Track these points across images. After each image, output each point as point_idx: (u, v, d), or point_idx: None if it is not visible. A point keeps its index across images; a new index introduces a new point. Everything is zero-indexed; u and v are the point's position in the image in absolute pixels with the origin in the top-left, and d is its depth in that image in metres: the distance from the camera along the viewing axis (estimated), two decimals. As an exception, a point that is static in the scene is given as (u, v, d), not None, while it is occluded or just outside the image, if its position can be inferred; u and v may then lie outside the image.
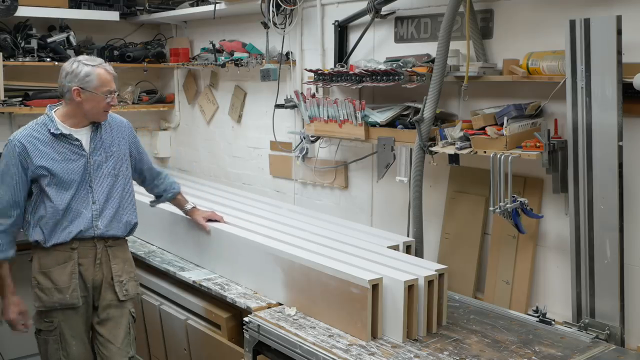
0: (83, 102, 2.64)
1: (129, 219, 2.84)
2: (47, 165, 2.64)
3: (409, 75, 2.93)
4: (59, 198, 2.66)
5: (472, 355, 2.27)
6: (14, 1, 4.02)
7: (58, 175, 2.65)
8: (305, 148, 3.84)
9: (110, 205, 2.76)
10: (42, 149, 2.65)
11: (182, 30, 4.88)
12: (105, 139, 2.78)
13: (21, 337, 3.97)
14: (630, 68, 2.33)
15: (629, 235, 2.45)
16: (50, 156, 2.65)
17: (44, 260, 2.70)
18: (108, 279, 2.76)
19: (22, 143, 2.65)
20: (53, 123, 2.68)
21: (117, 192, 2.79)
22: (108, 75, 2.68)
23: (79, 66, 2.63)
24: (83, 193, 2.70)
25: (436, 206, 3.20)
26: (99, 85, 2.64)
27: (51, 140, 2.67)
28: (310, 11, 3.77)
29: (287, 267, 2.71)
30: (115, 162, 2.79)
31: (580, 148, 2.46)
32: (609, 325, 2.43)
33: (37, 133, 2.68)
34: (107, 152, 2.77)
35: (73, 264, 2.69)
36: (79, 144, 2.70)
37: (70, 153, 2.68)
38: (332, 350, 2.31)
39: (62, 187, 2.66)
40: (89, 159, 2.71)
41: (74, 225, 2.68)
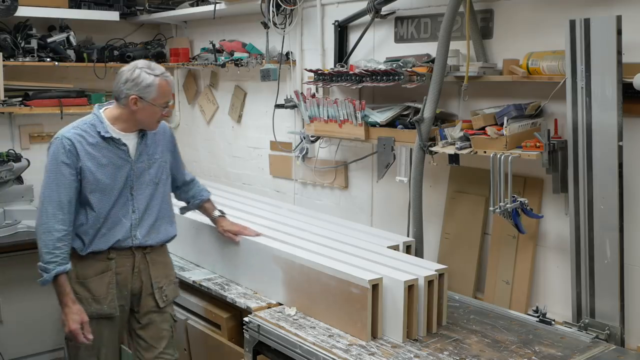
0: (138, 111, 2.55)
1: (168, 230, 2.76)
2: (94, 169, 2.53)
3: (409, 75, 2.93)
4: (101, 205, 2.56)
5: (472, 355, 2.27)
6: (14, 1, 4.02)
7: (103, 181, 2.55)
8: (305, 148, 3.84)
9: (150, 214, 2.68)
10: (89, 151, 2.54)
11: (182, 30, 4.88)
12: (149, 146, 2.68)
13: (21, 337, 3.98)
14: (630, 68, 2.33)
15: (629, 235, 2.45)
16: (97, 160, 2.54)
17: (81, 271, 2.60)
18: (147, 286, 2.70)
19: (71, 141, 2.53)
20: (103, 125, 2.57)
21: (156, 201, 2.70)
22: (168, 86, 2.59)
23: (141, 74, 2.52)
24: (123, 201, 2.61)
25: (436, 206, 3.20)
26: (158, 96, 2.54)
27: (99, 142, 2.55)
28: (310, 11, 3.77)
29: (287, 267, 2.71)
30: (157, 169, 2.70)
31: (580, 148, 2.46)
32: (609, 325, 2.43)
33: (85, 133, 2.55)
34: (150, 159, 2.67)
35: (111, 274, 2.61)
36: (126, 149, 2.60)
37: (116, 158, 2.58)
38: (332, 350, 2.31)
39: (105, 193, 2.56)
40: (133, 165, 2.62)
41: (112, 234, 2.59)
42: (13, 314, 3.94)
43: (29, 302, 3.96)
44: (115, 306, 2.63)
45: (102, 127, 2.56)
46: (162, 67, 2.61)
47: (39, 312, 4.00)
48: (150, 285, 2.70)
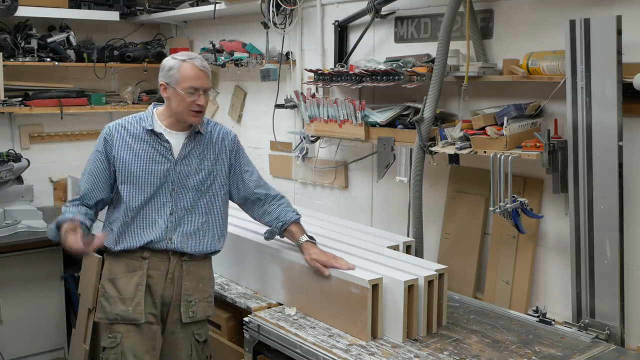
0: (169, 100, 2.47)
1: (212, 243, 2.58)
2: (127, 158, 2.48)
3: (409, 75, 2.93)
4: (131, 198, 2.47)
5: (472, 355, 2.27)
6: (14, 1, 4.02)
7: (135, 173, 2.47)
8: (305, 148, 3.84)
9: (191, 221, 2.52)
10: (128, 141, 2.50)
11: (182, 30, 4.88)
12: (201, 150, 2.54)
13: (21, 337, 3.98)
14: (630, 68, 2.33)
15: (629, 235, 2.45)
16: (134, 151, 2.48)
17: (113, 267, 2.52)
18: (178, 297, 2.52)
19: (110, 131, 2.53)
20: (149, 119, 2.52)
21: (201, 209, 2.54)
22: (193, 70, 2.42)
23: (168, 60, 2.47)
24: (161, 201, 2.49)
25: (436, 206, 3.20)
26: (181, 80, 2.41)
27: (142, 135, 2.50)
28: (310, 11, 3.77)
29: (287, 267, 2.71)
30: (205, 177, 2.54)
31: (580, 148, 2.46)
32: (609, 325, 2.43)
33: (129, 125, 2.54)
34: (198, 164, 2.53)
35: (142, 274, 2.48)
36: (168, 146, 2.50)
37: (156, 154, 2.49)
38: (332, 350, 2.31)
39: (137, 187, 2.47)
40: (176, 166, 2.50)
41: (145, 234, 2.48)
42: (13, 314, 3.94)
43: (29, 302, 3.97)
44: (141, 311, 2.46)
45: (148, 121, 2.52)
46: (196, 54, 2.53)
47: (39, 312, 4.01)
48: (180, 296, 2.52)
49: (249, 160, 2.72)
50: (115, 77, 4.85)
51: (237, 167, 2.65)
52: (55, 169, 4.63)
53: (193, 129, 2.54)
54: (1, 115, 4.34)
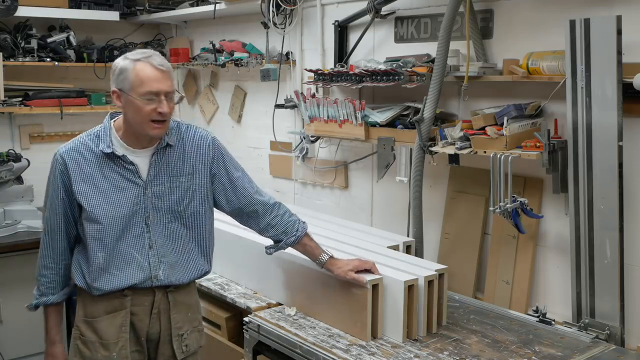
0: (125, 109, 2.08)
1: (199, 266, 2.27)
2: (89, 193, 2.11)
3: (409, 75, 2.93)
4: (101, 237, 2.12)
5: (472, 355, 2.27)
6: (14, 1, 4.02)
7: (100, 207, 2.10)
8: (305, 148, 3.84)
9: (173, 250, 2.20)
10: (85, 170, 2.12)
11: (182, 30, 4.88)
12: (173, 164, 2.18)
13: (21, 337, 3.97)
14: (630, 68, 2.33)
15: (629, 235, 2.45)
16: (93, 181, 2.11)
17: (89, 307, 2.19)
18: (166, 332, 2.23)
19: (63, 159, 2.14)
20: (106, 137, 2.13)
21: (182, 232, 2.21)
22: (150, 70, 2.03)
23: (118, 62, 2.07)
24: (136, 233, 2.15)
25: (436, 206, 3.20)
26: (136, 84, 2.02)
27: (100, 159, 2.12)
28: (310, 11, 3.77)
29: (287, 267, 2.71)
30: (181, 196, 2.18)
31: (580, 148, 2.46)
32: (609, 325, 2.43)
33: (84, 148, 2.14)
34: (172, 182, 2.17)
35: (125, 314, 2.17)
36: (133, 169, 2.13)
37: (120, 179, 2.12)
38: (332, 350, 2.31)
39: (106, 223, 2.11)
40: (146, 189, 2.14)
41: (125, 275, 2.14)
42: (13, 314, 3.94)
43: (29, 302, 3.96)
44: (127, 355, 2.18)
45: (105, 141, 2.13)
46: (152, 51, 2.12)
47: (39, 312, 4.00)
48: (170, 332, 2.24)
49: (236, 163, 2.34)
50: (115, 77, 4.84)
51: (222, 175, 2.28)
52: (55, 169, 4.62)
53: (160, 143, 2.16)
54: (1, 115, 4.34)
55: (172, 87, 2.10)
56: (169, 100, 2.08)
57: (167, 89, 2.06)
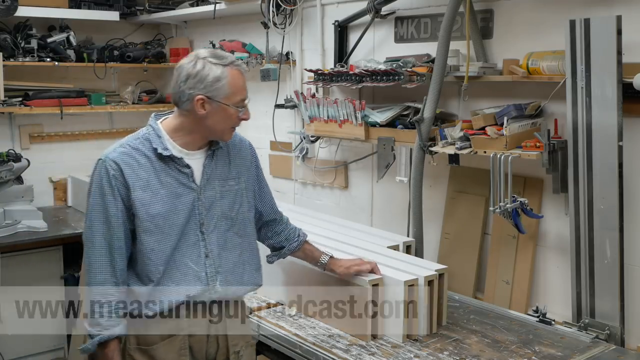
0: (208, 116, 1.95)
1: (254, 278, 2.15)
2: (147, 200, 1.95)
3: (409, 75, 2.93)
4: (160, 250, 1.96)
5: (472, 355, 2.27)
6: (14, 1, 4.02)
7: (160, 216, 1.95)
8: (305, 148, 3.84)
9: (229, 260, 2.07)
10: (141, 175, 1.95)
11: (182, 30, 4.88)
12: (222, 167, 2.08)
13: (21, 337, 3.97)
14: (630, 68, 2.33)
15: (629, 235, 2.45)
16: (151, 187, 1.95)
17: (143, 334, 2.01)
18: (223, 350, 2.10)
19: (117, 164, 1.94)
20: (160, 140, 1.98)
21: (235, 242, 2.09)
22: (242, 78, 1.98)
23: (206, 66, 1.93)
24: (191, 241, 2.01)
25: (436, 206, 3.20)
26: (231, 93, 1.95)
27: (155, 163, 1.97)
28: (310, 11, 3.77)
29: (287, 267, 2.71)
30: (232, 200, 2.09)
31: (580, 148, 2.46)
32: (609, 325, 2.43)
33: (136, 152, 1.96)
34: (222, 187, 2.07)
35: (182, 338, 2.02)
36: (189, 172, 2.00)
37: (177, 184, 1.98)
38: (332, 350, 2.31)
39: (163, 233, 1.96)
40: (200, 194, 2.02)
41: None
42: (13, 314, 3.94)
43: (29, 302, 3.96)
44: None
45: (160, 143, 1.98)
46: (230, 54, 2.04)
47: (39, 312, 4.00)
48: (227, 349, 2.10)
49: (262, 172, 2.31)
50: (115, 77, 4.85)
51: (256, 181, 2.22)
52: (55, 169, 4.63)
53: (212, 145, 2.07)
54: (1, 115, 4.33)
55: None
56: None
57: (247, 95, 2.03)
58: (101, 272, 1.95)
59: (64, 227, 4.09)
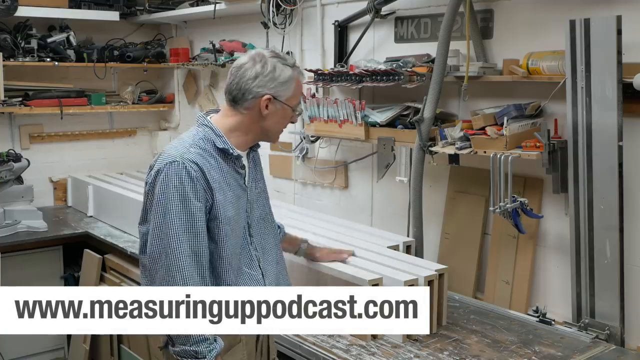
0: (268, 116, 1.93)
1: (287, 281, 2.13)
2: (225, 202, 1.88)
3: (409, 75, 2.93)
4: (230, 255, 1.90)
5: (472, 355, 2.27)
6: (14, 1, 4.02)
7: (233, 218, 1.90)
8: (305, 148, 3.84)
9: (269, 261, 2.04)
10: (216, 177, 1.88)
11: (182, 30, 4.88)
12: (254, 169, 2.07)
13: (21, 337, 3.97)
14: (630, 68, 2.33)
15: (629, 235, 2.45)
16: (224, 189, 1.89)
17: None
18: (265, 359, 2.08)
19: (198, 165, 1.84)
20: (222, 139, 1.91)
21: (270, 242, 2.07)
22: (301, 81, 2.00)
23: (277, 67, 1.90)
24: (243, 245, 1.96)
25: (436, 206, 3.20)
26: (294, 95, 1.96)
27: (221, 164, 1.91)
28: (310, 11, 3.77)
29: (287, 267, 2.70)
30: (264, 201, 2.09)
31: (580, 148, 2.46)
32: (609, 325, 2.43)
33: (206, 153, 1.88)
34: (257, 188, 2.05)
35: (241, 348, 1.95)
36: (243, 173, 1.98)
37: (237, 186, 1.94)
38: (332, 350, 2.31)
39: (234, 236, 1.91)
40: (248, 195, 2.00)
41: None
42: (13, 314, 3.94)
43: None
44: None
45: (223, 142, 1.91)
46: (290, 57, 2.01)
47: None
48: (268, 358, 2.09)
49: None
50: (115, 77, 4.85)
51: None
52: (55, 169, 4.63)
53: (255, 145, 2.06)
54: (1, 115, 4.34)
55: None
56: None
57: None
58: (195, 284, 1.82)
59: (64, 227, 4.09)
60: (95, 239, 3.90)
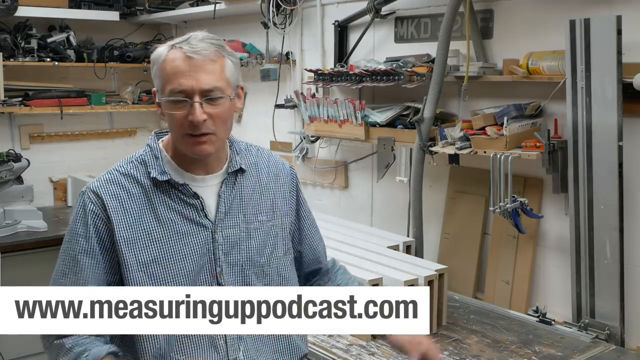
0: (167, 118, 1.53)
1: (294, 346, 1.65)
2: (138, 242, 1.51)
3: (409, 75, 2.93)
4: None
5: (472, 355, 2.27)
6: (14, 1, 4.02)
7: (155, 261, 1.51)
8: (305, 148, 3.84)
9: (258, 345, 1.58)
10: (131, 210, 1.52)
11: (182, 30, 4.88)
12: (248, 197, 1.61)
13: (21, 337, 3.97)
14: (630, 68, 2.33)
15: (629, 235, 2.45)
16: (143, 224, 1.52)
17: None
18: None
19: (98, 196, 1.52)
20: (158, 162, 1.55)
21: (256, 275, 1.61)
22: (180, 60, 1.48)
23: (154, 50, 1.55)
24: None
25: (436, 206, 3.20)
26: (163, 80, 1.50)
27: (151, 193, 1.54)
28: (310, 11, 3.77)
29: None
30: (262, 242, 1.61)
31: (580, 148, 2.46)
32: (609, 325, 2.43)
33: (127, 179, 1.54)
34: (248, 222, 1.60)
35: None
36: (198, 204, 1.55)
37: (180, 220, 1.53)
38: (332, 350, 2.31)
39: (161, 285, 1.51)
40: (215, 233, 1.56)
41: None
42: (13, 314, 3.94)
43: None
44: None
45: (157, 165, 1.55)
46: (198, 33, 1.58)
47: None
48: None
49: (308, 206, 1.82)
50: (115, 77, 4.85)
51: (295, 217, 1.75)
52: (55, 169, 4.63)
53: (229, 165, 1.61)
54: (1, 115, 4.33)
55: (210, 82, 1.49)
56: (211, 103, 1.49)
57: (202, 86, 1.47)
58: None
59: (64, 227, 4.08)
60: (95, 239, 3.89)
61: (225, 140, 1.61)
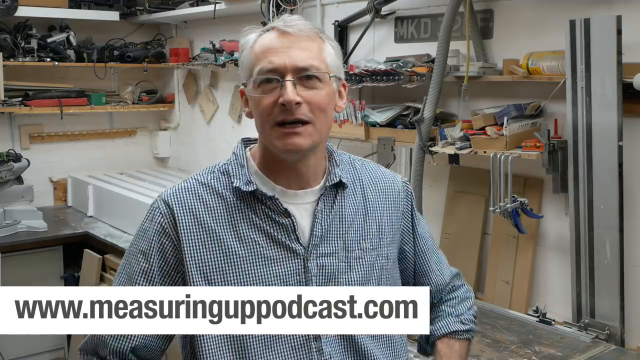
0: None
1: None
2: (213, 264, 1.29)
3: (409, 75, 2.93)
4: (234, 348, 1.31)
5: (472, 355, 2.26)
6: (14, 1, 4.02)
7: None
8: (305, 148, 3.84)
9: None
10: (208, 226, 1.29)
11: (182, 30, 4.88)
12: (350, 220, 1.36)
13: (21, 337, 3.97)
14: (630, 68, 2.33)
15: (629, 235, 2.44)
16: (222, 244, 1.29)
17: None
18: None
19: (168, 206, 1.31)
20: (243, 169, 1.32)
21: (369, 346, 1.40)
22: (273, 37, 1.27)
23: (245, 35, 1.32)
24: (294, 339, 1.32)
25: (436, 206, 3.20)
26: (252, 63, 1.29)
27: (233, 208, 1.30)
28: (310, 11, 3.77)
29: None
30: (368, 273, 1.37)
31: (580, 148, 2.46)
32: (609, 325, 2.43)
33: (206, 190, 1.32)
34: (349, 250, 1.34)
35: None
36: (289, 223, 1.30)
37: (268, 243, 1.29)
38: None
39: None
40: (308, 261, 1.31)
41: None
42: (13, 314, 3.94)
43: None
44: None
45: (241, 174, 1.32)
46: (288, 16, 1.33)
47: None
48: None
49: (425, 223, 1.54)
50: (115, 77, 4.85)
51: (410, 240, 1.49)
52: (55, 169, 4.63)
53: (328, 179, 1.37)
54: (1, 115, 4.34)
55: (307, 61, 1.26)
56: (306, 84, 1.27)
57: (296, 64, 1.25)
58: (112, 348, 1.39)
59: (64, 227, 4.09)
60: (95, 239, 3.90)
61: (325, 137, 1.36)
